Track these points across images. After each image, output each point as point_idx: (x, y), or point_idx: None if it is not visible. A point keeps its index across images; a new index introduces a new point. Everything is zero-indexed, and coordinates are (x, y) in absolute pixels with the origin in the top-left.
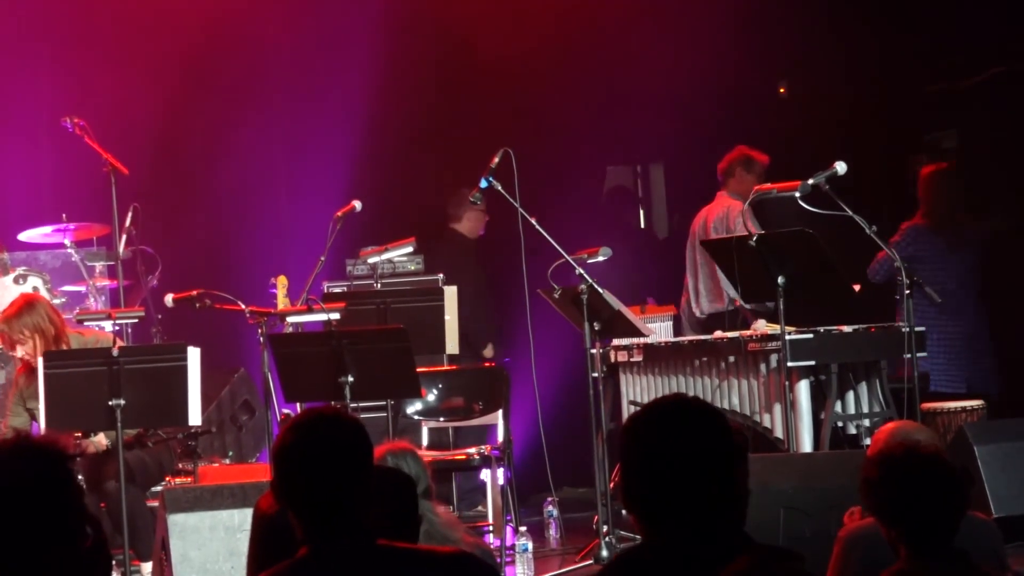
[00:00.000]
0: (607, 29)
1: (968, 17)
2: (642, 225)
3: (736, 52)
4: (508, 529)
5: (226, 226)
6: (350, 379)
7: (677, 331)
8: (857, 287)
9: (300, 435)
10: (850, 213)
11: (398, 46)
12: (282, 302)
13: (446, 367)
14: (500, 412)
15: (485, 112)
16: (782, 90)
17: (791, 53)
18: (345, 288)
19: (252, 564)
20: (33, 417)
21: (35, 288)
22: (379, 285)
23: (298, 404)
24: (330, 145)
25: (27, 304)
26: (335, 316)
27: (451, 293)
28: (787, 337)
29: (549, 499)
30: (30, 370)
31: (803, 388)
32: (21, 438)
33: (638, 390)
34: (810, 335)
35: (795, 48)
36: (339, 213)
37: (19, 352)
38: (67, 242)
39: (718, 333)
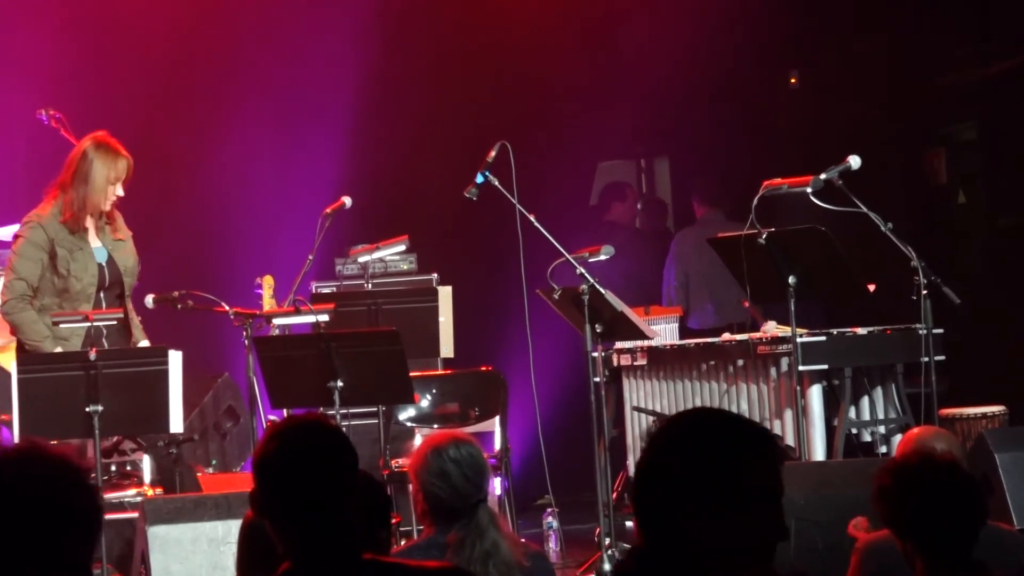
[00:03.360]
0: (610, 16)
1: (987, 4)
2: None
3: (745, 40)
4: None
5: (209, 223)
6: (340, 384)
7: (683, 333)
8: (872, 287)
9: (281, 444)
10: (864, 210)
11: (390, 35)
12: (268, 303)
13: (440, 371)
14: (497, 419)
15: (481, 104)
16: (793, 80)
17: (803, 42)
18: (334, 288)
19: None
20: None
21: None
22: (370, 285)
23: (285, 410)
24: (318, 138)
25: None
26: (324, 318)
27: (445, 294)
28: (799, 340)
29: (549, 510)
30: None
31: (815, 393)
32: (36, 446)
33: (642, 395)
34: (823, 337)
35: (807, 37)
36: (328, 210)
37: (118, 191)
38: None
39: (726, 335)
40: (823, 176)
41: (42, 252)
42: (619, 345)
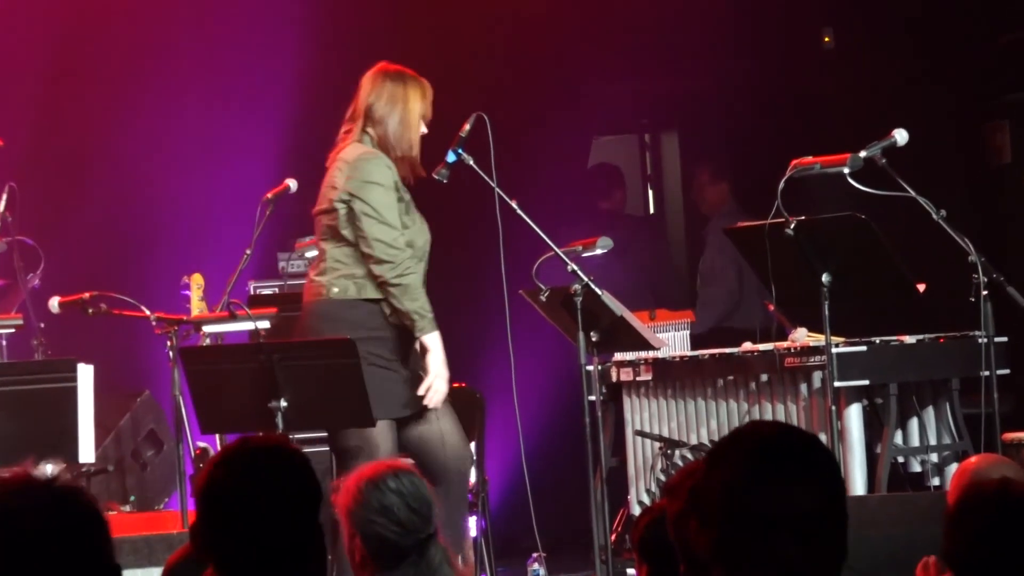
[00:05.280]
0: None
1: None
2: (651, 210)
3: None
4: None
5: (126, 212)
6: (283, 404)
7: (695, 342)
8: (922, 287)
9: (236, 471)
10: (912, 194)
11: None
12: (197, 307)
13: None
14: (472, 445)
15: (454, 67)
16: (827, 39)
17: None
18: (277, 289)
19: None
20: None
21: None
22: None
23: (217, 436)
24: (257, 110)
25: None
26: (264, 324)
27: None
28: (834, 350)
29: (534, 555)
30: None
31: (854, 414)
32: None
33: (646, 417)
34: (863, 347)
35: None
36: (269, 195)
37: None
38: None
39: (747, 345)
40: (863, 154)
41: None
42: (618, 357)
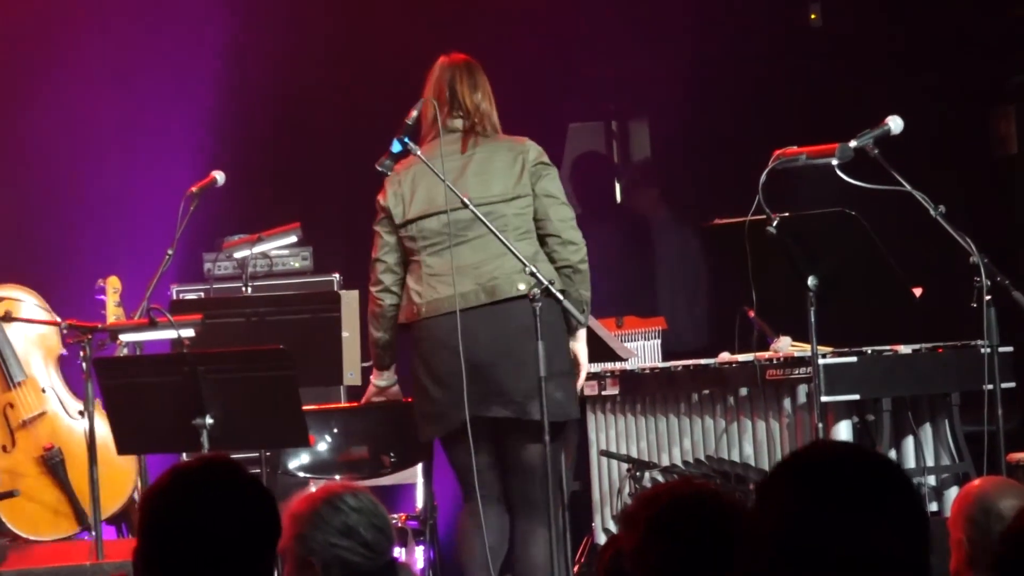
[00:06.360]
0: None
1: None
2: (617, 201)
3: None
4: None
5: (35, 208)
6: (209, 421)
7: (667, 352)
8: (918, 291)
9: (189, 493)
10: (908, 188)
11: None
12: (113, 313)
13: (344, 404)
14: (420, 467)
15: (401, 48)
16: (814, 16)
17: None
18: (202, 293)
19: None
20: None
21: None
22: (250, 289)
23: (136, 456)
24: (180, 95)
25: None
26: (188, 333)
27: (351, 300)
28: (821, 361)
29: None
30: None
31: (843, 432)
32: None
33: (612, 435)
34: (853, 358)
35: None
36: (194, 188)
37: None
38: None
39: (724, 356)
40: (853, 143)
41: None
42: None
